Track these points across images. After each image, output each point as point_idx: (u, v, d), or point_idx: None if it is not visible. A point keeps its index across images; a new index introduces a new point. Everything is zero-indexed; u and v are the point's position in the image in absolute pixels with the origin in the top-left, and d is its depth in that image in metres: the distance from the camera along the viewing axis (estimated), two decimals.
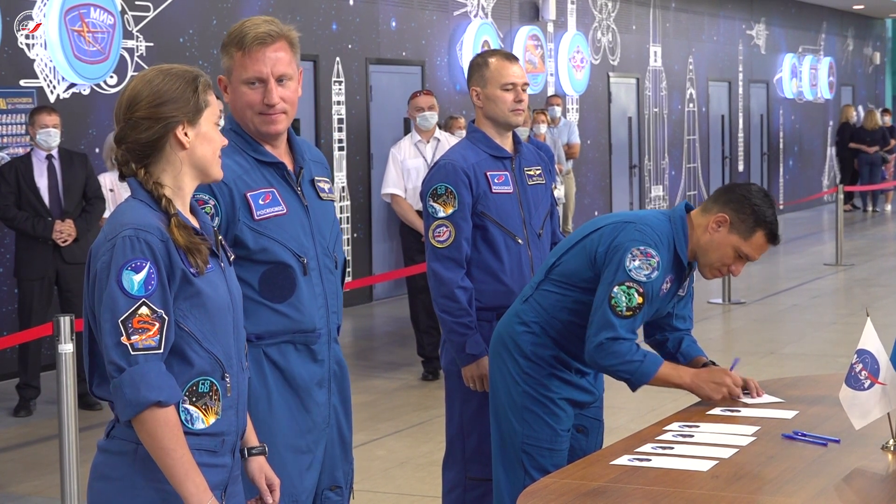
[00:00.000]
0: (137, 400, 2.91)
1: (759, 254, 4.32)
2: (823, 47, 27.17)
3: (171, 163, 3.10)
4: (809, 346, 10.84)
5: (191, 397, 3.03)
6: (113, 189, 9.77)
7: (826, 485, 3.47)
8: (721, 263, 4.34)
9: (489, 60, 5.09)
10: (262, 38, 3.70)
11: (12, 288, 9.79)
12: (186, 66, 3.21)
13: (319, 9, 13.32)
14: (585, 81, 18.42)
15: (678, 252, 4.34)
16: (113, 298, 2.96)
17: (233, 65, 3.72)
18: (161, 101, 3.09)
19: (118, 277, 2.97)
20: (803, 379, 4.90)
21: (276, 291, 3.72)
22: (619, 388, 4.51)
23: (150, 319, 2.95)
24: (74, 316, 6.15)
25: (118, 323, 2.95)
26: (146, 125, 3.07)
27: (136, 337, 2.94)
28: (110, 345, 2.95)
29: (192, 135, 3.10)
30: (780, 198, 24.73)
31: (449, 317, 4.94)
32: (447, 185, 4.98)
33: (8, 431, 8.52)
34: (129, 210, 3.08)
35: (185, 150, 3.10)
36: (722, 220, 4.30)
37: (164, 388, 2.94)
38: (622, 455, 3.74)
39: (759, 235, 4.29)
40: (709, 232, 4.32)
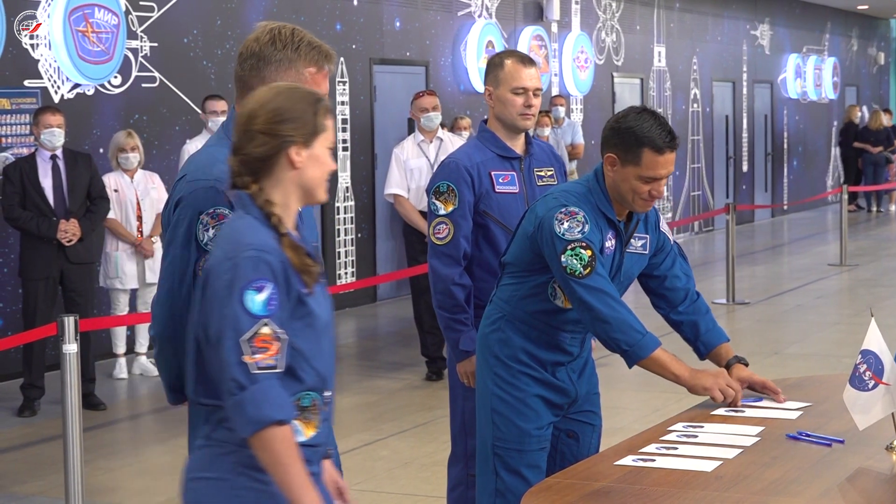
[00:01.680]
0: (259, 418, 3.00)
1: (664, 168, 4.22)
2: (828, 47, 27.16)
3: (281, 181, 3.15)
4: (813, 347, 10.84)
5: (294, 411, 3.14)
6: (117, 189, 9.78)
7: (830, 485, 3.47)
8: (635, 195, 4.26)
9: (505, 62, 5.10)
10: (331, 58, 3.66)
11: (17, 288, 9.80)
12: (312, 89, 3.26)
13: (323, 9, 13.33)
14: (589, 82, 18.41)
15: (602, 210, 4.31)
16: (236, 317, 3.03)
17: (301, 81, 3.58)
18: (280, 119, 3.13)
19: (241, 297, 3.04)
20: (807, 379, 4.89)
21: None
22: (623, 388, 4.52)
23: (270, 339, 3.04)
24: (79, 316, 6.16)
25: (240, 342, 3.02)
26: (262, 140, 3.12)
27: (258, 356, 3.02)
28: (232, 363, 3.02)
29: (304, 156, 3.14)
30: (785, 198, 24.72)
31: (445, 312, 4.99)
32: (449, 183, 5.02)
33: (12, 431, 8.53)
34: (247, 230, 3.12)
35: (296, 171, 3.15)
36: (611, 160, 4.28)
37: (284, 407, 3.03)
38: (626, 455, 3.74)
39: (647, 153, 4.21)
40: (610, 175, 4.30)
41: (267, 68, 3.60)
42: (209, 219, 3.46)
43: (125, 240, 9.84)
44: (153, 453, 7.97)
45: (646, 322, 4.31)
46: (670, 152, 4.22)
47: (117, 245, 9.86)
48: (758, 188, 23.86)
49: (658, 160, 4.21)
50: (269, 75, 3.59)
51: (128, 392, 9.81)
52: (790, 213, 24.89)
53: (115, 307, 9.97)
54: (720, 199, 22.01)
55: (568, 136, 15.49)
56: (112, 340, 10.17)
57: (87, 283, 9.17)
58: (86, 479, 6.32)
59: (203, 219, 3.47)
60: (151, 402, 9.50)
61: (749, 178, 23.46)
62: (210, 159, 3.55)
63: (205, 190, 3.48)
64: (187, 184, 3.53)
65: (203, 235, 3.48)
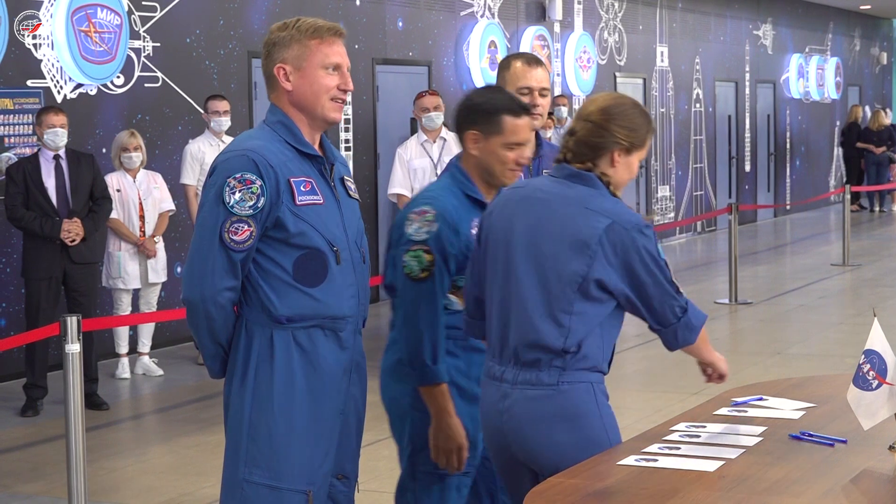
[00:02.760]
0: (699, 325, 3.90)
1: (524, 133, 4.28)
2: (830, 47, 27.15)
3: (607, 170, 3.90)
4: (816, 347, 10.83)
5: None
6: (120, 189, 9.78)
7: (833, 485, 3.47)
8: (504, 165, 4.30)
9: (512, 63, 5.12)
10: (336, 30, 3.89)
11: (20, 288, 9.80)
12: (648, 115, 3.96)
13: (326, 9, 13.33)
14: (592, 81, 18.41)
15: (470, 194, 4.31)
16: (661, 268, 3.81)
17: (307, 52, 3.84)
18: (634, 127, 3.88)
19: (657, 253, 3.81)
20: (810, 379, 4.89)
21: (310, 276, 3.80)
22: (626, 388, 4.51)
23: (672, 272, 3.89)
24: (81, 316, 6.16)
25: (672, 281, 3.84)
26: (600, 138, 3.87)
27: (678, 285, 3.88)
28: (674, 296, 3.84)
29: (623, 160, 3.90)
30: (787, 198, 24.71)
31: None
32: None
33: (15, 431, 8.53)
34: (615, 203, 3.85)
35: (612, 168, 3.89)
36: (474, 137, 4.31)
37: (701, 313, 3.94)
38: (629, 455, 3.74)
39: (507, 119, 4.26)
40: (474, 154, 4.32)
41: (275, 50, 3.87)
42: (236, 182, 3.71)
43: (128, 240, 9.84)
44: (156, 453, 7.97)
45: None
46: (526, 115, 4.33)
47: (120, 245, 9.86)
48: (760, 188, 23.85)
49: (518, 124, 4.30)
50: (278, 55, 3.87)
51: (130, 392, 9.82)
52: (793, 213, 24.87)
53: (118, 307, 9.97)
54: (723, 199, 22.00)
55: None
56: (115, 340, 10.17)
57: (89, 282, 9.17)
58: (88, 478, 6.32)
59: (230, 182, 3.72)
60: (154, 402, 9.50)
61: (752, 178, 23.45)
62: (248, 136, 3.88)
63: (236, 157, 3.75)
64: (223, 154, 3.80)
65: (229, 198, 3.71)
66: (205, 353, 3.89)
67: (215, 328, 3.80)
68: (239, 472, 3.85)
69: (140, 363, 10.27)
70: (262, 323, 3.80)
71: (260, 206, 3.72)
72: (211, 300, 3.74)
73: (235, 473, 3.86)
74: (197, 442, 8.06)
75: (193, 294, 3.77)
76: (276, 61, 3.85)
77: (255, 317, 3.81)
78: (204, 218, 3.76)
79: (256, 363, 3.80)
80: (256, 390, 3.80)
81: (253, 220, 3.72)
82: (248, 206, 3.71)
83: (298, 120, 3.88)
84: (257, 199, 3.71)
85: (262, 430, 3.81)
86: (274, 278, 3.78)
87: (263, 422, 3.81)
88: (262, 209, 3.72)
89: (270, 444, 3.81)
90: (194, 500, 6.85)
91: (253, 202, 3.71)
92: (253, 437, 3.82)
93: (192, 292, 3.77)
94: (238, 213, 3.71)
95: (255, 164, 3.73)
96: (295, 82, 3.85)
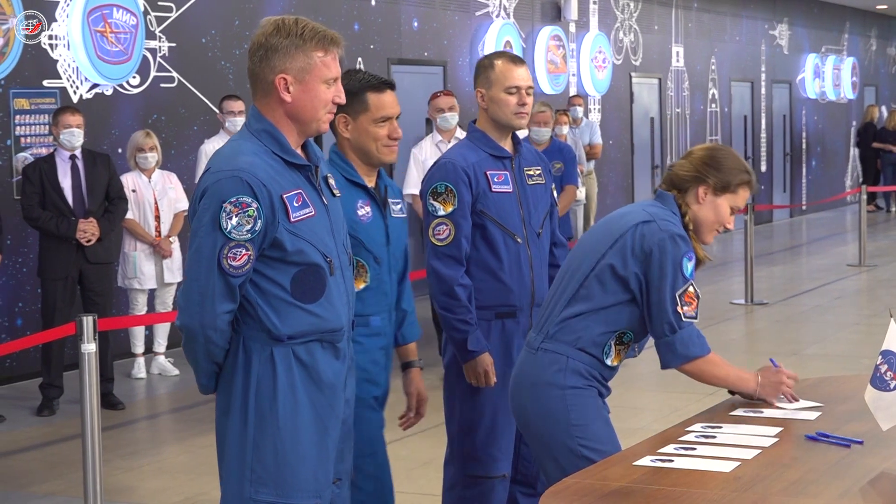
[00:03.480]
0: (687, 354, 4.16)
1: (391, 108, 4.54)
2: (846, 47, 27.08)
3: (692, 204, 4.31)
4: (832, 347, 10.81)
5: (616, 340, 4.25)
6: (135, 189, 9.80)
7: (850, 486, 3.46)
8: (378, 142, 4.50)
9: (494, 62, 5.11)
10: (339, 41, 3.81)
11: (36, 287, 9.83)
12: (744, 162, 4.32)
13: (341, 9, 13.34)
14: (607, 82, 18.39)
15: (351, 178, 4.48)
16: (675, 278, 4.11)
17: (311, 66, 3.74)
18: (725, 169, 4.28)
19: (680, 264, 4.12)
20: (826, 380, 4.88)
21: (308, 292, 3.75)
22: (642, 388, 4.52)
23: (693, 297, 4.16)
24: (97, 316, 6.16)
25: (675, 296, 4.12)
26: (691, 172, 4.30)
27: (686, 308, 4.14)
28: (670, 310, 4.12)
29: (709, 199, 4.29)
30: (803, 198, 24.66)
31: (449, 314, 4.99)
32: (447, 184, 5.03)
33: (31, 431, 8.55)
34: (670, 217, 4.22)
35: (697, 205, 4.29)
36: (343, 120, 4.47)
37: (704, 346, 4.18)
38: (644, 456, 3.74)
39: (371, 96, 4.48)
40: (346, 137, 4.49)
41: (275, 56, 3.74)
42: (232, 207, 3.61)
43: (143, 240, 9.86)
44: (171, 452, 7.99)
45: None
46: (389, 90, 4.51)
47: (135, 245, 9.88)
48: (776, 188, 23.80)
49: (382, 99, 4.49)
50: (278, 63, 3.74)
51: (146, 392, 9.83)
52: (809, 213, 24.82)
53: (134, 307, 9.99)
54: None
55: (586, 136, 15.46)
56: (130, 340, 10.20)
57: (105, 282, 9.19)
58: (104, 478, 6.33)
59: (226, 207, 3.61)
60: (170, 402, 9.52)
61: (767, 179, 23.41)
62: (233, 152, 3.71)
63: (228, 179, 3.63)
64: (211, 174, 3.67)
65: (226, 223, 3.62)
66: (199, 371, 3.81)
67: (213, 350, 3.74)
68: (245, 492, 3.79)
69: (156, 363, 10.29)
70: (261, 341, 3.74)
71: (257, 229, 3.64)
72: (210, 326, 3.68)
73: (241, 494, 3.81)
74: (212, 442, 8.01)
75: (192, 322, 3.69)
76: (278, 70, 3.72)
77: (254, 335, 3.74)
78: (200, 244, 3.66)
79: (257, 382, 3.74)
80: (258, 409, 3.74)
81: (251, 243, 3.64)
82: (246, 230, 3.62)
83: (287, 129, 3.78)
84: (254, 223, 3.63)
85: (267, 448, 3.76)
86: (272, 297, 3.71)
87: (268, 440, 3.76)
88: (259, 232, 3.65)
89: (276, 462, 3.77)
90: (209, 500, 6.85)
91: (250, 226, 3.63)
92: (258, 457, 3.76)
93: (190, 320, 3.70)
94: (236, 237, 3.62)
95: (249, 185, 3.62)
96: (295, 94, 3.74)
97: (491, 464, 5.09)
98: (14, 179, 9.96)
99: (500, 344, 5.09)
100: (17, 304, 10.10)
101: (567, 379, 4.21)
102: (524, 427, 4.34)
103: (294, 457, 3.77)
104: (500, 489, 5.13)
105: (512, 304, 5.08)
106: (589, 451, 4.15)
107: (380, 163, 4.50)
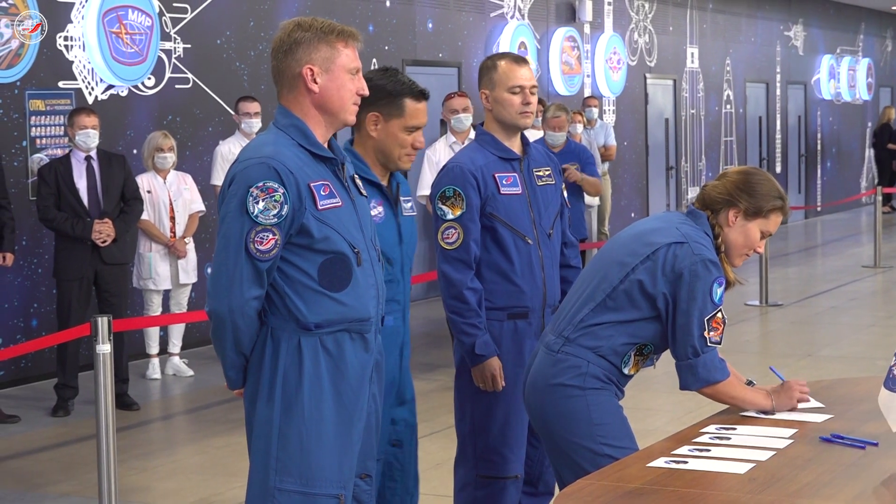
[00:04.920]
0: (708, 378, 4.17)
1: (423, 117, 4.49)
2: (862, 48, 27.02)
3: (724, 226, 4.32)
4: (847, 349, 10.78)
5: (637, 351, 4.28)
6: (150, 190, 9.82)
7: (864, 488, 3.45)
8: (401, 149, 4.48)
9: (498, 63, 5.12)
10: (357, 35, 3.89)
11: (51, 288, 9.85)
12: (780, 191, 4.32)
13: (356, 10, 13.35)
14: (622, 83, 18.38)
15: (366, 177, 4.43)
16: (704, 302, 4.13)
17: (335, 55, 3.83)
18: (757, 194, 4.25)
19: (710, 289, 4.13)
20: (841, 381, 4.87)
21: (335, 281, 3.79)
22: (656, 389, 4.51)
23: (720, 322, 4.17)
24: (112, 316, 6.18)
25: (704, 321, 4.13)
26: (723, 195, 4.28)
27: (712, 333, 4.16)
28: (696, 335, 4.14)
29: (737, 222, 4.29)
30: (818, 199, 24.62)
31: (458, 318, 5.01)
32: (455, 188, 5.05)
33: (46, 431, 8.57)
34: (703, 239, 4.23)
35: (728, 227, 4.29)
36: (374, 119, 4.46)
37: (724, 370, 4.19)
38: (659, 457, 3.74)
39: (409, 103, 4.46)
40: (372, 136, 4.46)
41: (298, 49, 3.82)
42: (259, 192, 3.69)
43: (158, 241, 9.87)
44: (186, 453, 8.00)
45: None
46: (425, 100, 4.51)
47: (150, 246, 9.90)
48: (791, 189, 23.77)
49: (418, 108, 4.47)
50: (303, 55, 3.83)
51: (161, 392, 9.85)
52: (824, 214, 24.78)
53: (149, 308, 10.01)
54: None
55: (601, 137, 15.44)
56: (145, 341, 10.21)
57: (120, 283, 9.20)
58: (119, 478, 6.34)
59: (253, 192, 3.69)
60: (184, 403, 9.53)
61: (782, 180, 23.37)
62: (261, 143, 3.81)
63: (255, 166, 3.71)
64: (240, 163, 3.76)
65: (253, 207, 3.69)
66: (226, 363, 3.85)
67: (241, 339, 3.77)
68: (269, 481, 3.82)
69: (170, 364, 10.31)
70: (288, 330, 3.78)
71: (284, 214, 3.69)
72: (238, 311, 3.72)
73: (265, 482, 3.83)
74: (227, 442, 8.08)
75: (220, 306, 3.73)
76: (304, 62, 3.80)
77: (282, 324, 3.78)
78: (228, 229, 3.73)
79: (284, 371, 3.78)
80: (285, 398, 3.78)
81: (277, 228, 3.69)
82: (273, 214, 3.68)
83: (314, 122, 3.85)
84: (281, 208, 3.69)
85: (292, 438, 3.79)
86: (300, 285, 3.76)
87: (293, 429, 3.79)
88: (285, 217, 3.70)
89: (301, 451, 3.80)
90: (224, 501, 6.86)
91: (277, 210, 3.68)
92: (283, 445, 3.79)
93: (219, 304, 3.74)
94: (263, 222, 3.68)
95: (276, 171, 3.70)
96: (322, 84, 3.82)
97: (503, 464, 5.09)
98: (29, 180, 9.99)
99: (511, 345, 5.09)
100: (33, 305, 10.12)
101: (587, 381, 4.24)
102: (542, 427, 4.35)
103: (318, 447, 3.79)
104: (513, 490, 5.13)
105: (524, 306, 5.09)
106: (611, 448, 4.19)
107: (396, 169, 4.52)
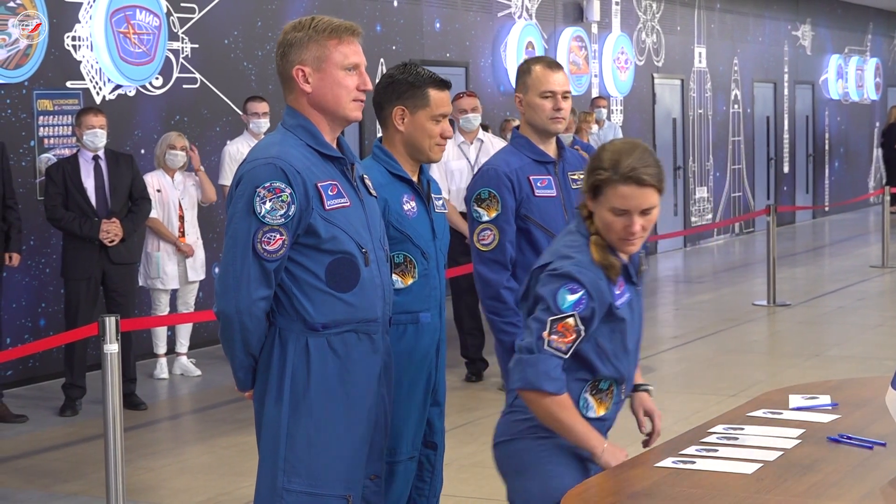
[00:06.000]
0: (533, 382, 3.60)
1: (448, 105, 4.50)
2: (870, 48, 26.99)
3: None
4: (855, 349, 10.77)
5: (591, 390, 3.78)
6: (160, 189, 9.82)
7: (872, 488, 3.45)
8: (431, 140, 4.49)
9: (532, 67, 5.18)
10: (354, 30, 3.88)
11: (59, 288, 9.86)
12: None
13: (363, 10, 13.35)
14: (630, 82, 18.37)
15: (397, 173, 4.48)
16: (550, 303, 3.63)
17: (326, 53, 3.83)
18: (590, 174, 3.74)
19: (556, 293, 3.63)
20: (849, 381, 4.86)
21: (343, 281, 3.81)
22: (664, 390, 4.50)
23: (570, 332, 3.63)
24: (120, 316, 6.18)
25: (547, 320, 3.62)
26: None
27: (554, 337, 3.62)
28: (536, 333, 3.63)
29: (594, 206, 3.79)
30: (826, 199, 24.59)
31: (497, 317, 5.04)
32: (490, 190, 5.09)
33: (54, 431, 8.58)
34: (571, 251, 3.73)
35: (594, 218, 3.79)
36: (401, 113, 4.48)
37: (558, 386, 3.61)
38: (666, 457, 3.73)
39: (433, 92, 4.49)
40: (400, 131, 4.49)
41: (291, 51, 3.86)
42: (266, 192, 3.69)
43: (167, 240, 9.88)
44: (193, 453, 8.00)
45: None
46: (448, 90, 4.56)
47: (158, 245, 9.91)
48: (799, 189, 23.74)
49: (442, 97, 4.51)
50: (295, 56, 3.86)
51: (168, 392, 9.86)
52: (831, 214, 24.75)
53: (156, 307, 10.01)
54: (761, 200, 21.91)
55: (609, 137, 15.44)
56: (153, 340, 10.22)
57: (128, 283, 9.21)
58: (126, 478, 6.35)
59: (260, 192, 3.69)
60: (192, 402, 9.54)
61: (790, 180, 23.35)
62: (269, 143, 3.83)
63: (262, 166, 3.72)
64: (247, 164, 3.77)
65: (260, 208, 3.70)
66: (235, 364, 3.85)
67: (250, 339, 3.78)
68: (278, 481, 3.82)
69: (178, 363, 10.32)
70: (296, 331, 3.79)
71: (291, 214, 3.70)
72: (246, 312, 3.72)
73: (274, 483, 3.83)
74: (234, 442, 8.09)
75: (228, 307, 3.74)
76: (294, 63, 3.83)
77: (290, 325, 3.79)
78: (235, 229, 3.73)
79: (292, 371, 3.78)
80: (293, 398, 3.79)
81: (285, 228, 3.70)
82: (280, 214, 3.68)
83: (318, 121, 3.87)
84: (288, 208, 3.69)
85: (300, 438, 3.80)
86: (307, 285, 3.77)
87: (301, 429, 3.80)
88: (293, 217, 3.70)
89: (309, 452, 3.80)
90: (231, 500, 6.87)
91: (284, 210, 3.69)
92: (291, 446, 3.80)
93: (226, 305, 3.74)
94: (270, 222, 3.69)
95: (283, 171, 3.70)
96: (314, 84, 3.84)
97: None
98: (37, 180, 10.00)
99: None
100: (41, 305, 10.13)
101: (539, 431, 3.78)
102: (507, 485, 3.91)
103: (326, 447, 3.80)
104: None
105: None
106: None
107: (428, 160, 4.55)
